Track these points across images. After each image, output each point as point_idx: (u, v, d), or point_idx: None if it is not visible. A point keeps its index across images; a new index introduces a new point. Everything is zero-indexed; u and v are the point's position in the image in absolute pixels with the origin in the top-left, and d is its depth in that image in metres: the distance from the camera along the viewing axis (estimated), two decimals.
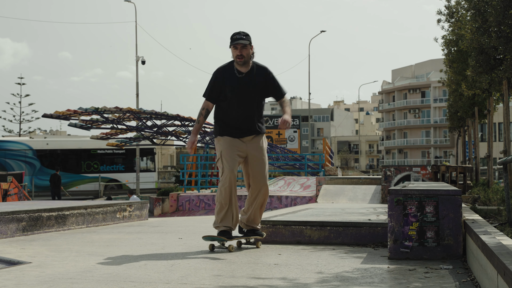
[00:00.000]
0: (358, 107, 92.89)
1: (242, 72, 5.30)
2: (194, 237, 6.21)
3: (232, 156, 5.16)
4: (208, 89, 5.37)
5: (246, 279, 3.65)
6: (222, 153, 5.19)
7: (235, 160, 5.17)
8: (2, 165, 29.69)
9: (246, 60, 5.28)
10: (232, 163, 5.12)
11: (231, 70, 5.32)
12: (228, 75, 5.29)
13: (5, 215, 5.96)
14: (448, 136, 73.01)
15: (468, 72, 12.37)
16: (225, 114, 5.31)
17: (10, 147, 30.49)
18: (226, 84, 5.26)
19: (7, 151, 30.27)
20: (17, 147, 30.75)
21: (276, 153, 25.23)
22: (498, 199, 9.64)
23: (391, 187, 4.91)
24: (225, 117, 5.31)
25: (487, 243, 3.37)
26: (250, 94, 5.30)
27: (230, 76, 5.29)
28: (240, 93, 5.27)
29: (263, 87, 5.38)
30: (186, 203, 15.51)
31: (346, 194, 12.75)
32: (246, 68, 5.30)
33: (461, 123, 23.22)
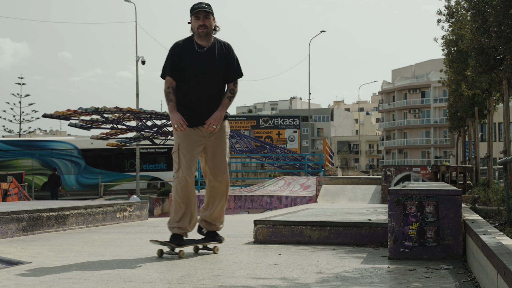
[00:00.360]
0: (358, 107, 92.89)
1: (203, 47, 4.74)
2: (194, 237, 6.20)
3: (191, 151, 4.70)
4: (167, 65, 4.77)
5: (246, 279, 3.65)
6: (180, 146, 4.71)
7: (194, 157, 4.73)
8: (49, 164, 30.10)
9: (209, 32, 4.71)
10: (190, 160, 4.68)
11: (191, 45, 4.75)
12: (188, 50, 4.74)
13: (5, 215, 5.96)
14: (448, 136, 73.01)
15: (468, 72, 12.38)
16: (184, 96, 4.77)
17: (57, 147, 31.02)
18: (185, 60, 4.72)
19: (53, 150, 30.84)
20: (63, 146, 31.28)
21: (276, 153, 25.22)
22: (498, 199, 9.64)
23: (391, 187, 4.91)
24: (184, 100, 4.76)
25: (487, 243, 3.37)
26: (213, 71, 4.75)
27: (190, 51, 4.73)
28: (202, 71, 4.72)
29: (226, 65, 4.82)
30: None
31: (346, 194, 12.75)
32: (207, 42, 4.75)
33: (461, 123, 23.23)
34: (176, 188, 4.68)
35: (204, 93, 4.76)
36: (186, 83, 4.77)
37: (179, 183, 4.66)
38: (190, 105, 4.76)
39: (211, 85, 4.78)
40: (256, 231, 5.59)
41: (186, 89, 4.77)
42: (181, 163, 4.67)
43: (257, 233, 5.58)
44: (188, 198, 4.68)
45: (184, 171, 4.65)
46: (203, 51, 4.75)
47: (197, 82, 4.75)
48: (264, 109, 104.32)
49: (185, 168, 4.65)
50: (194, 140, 4.74)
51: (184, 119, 4.69)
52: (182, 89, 4.78)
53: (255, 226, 5.61)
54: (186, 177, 4.65)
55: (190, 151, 4.69)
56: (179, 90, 4.79)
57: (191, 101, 4.77)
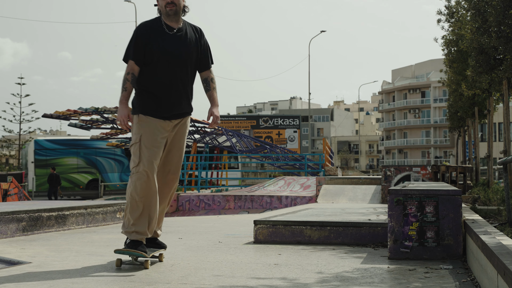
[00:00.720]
0: (358, 107, 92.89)
1: (172, 28, 4.32)
2: (194, 237, 6.20)
3: (155, 145, 4.22)
4: (130, 48, 4.29)
5: (246, 279, 3.65)
6: (142, 138, 4.20)
7: (158, 151, 4.23)
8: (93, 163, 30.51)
9: (178, 10, 4.29)
10: (153, 154, 4.19)
11: (159, 25, 4.32)
12: (155, 31, 4.29)
13: (5, 215, 5.96)
14: (448, 136, 73.03)
15: (468, 72, 12.38)
16: (151, 82, 4.29)
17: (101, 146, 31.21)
18: (152, 41, 4.26)
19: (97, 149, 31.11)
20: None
21: (276, 153, 25.22)
22: (498, 199, 9.63)
23: (391, 187, 4.91)
24: (150, 86, 4.28)
25: (487, 243, 3.37)
26: (184, 56, 4.32)
27: (157, 32, 4.29)
28: (172, 54, 4.27)
29: (198, 50, 4.41)
30: (186, 203, 15.52)
31: (346, 194, 12.75)
32: (177, 23, 4.33)
33: (461, 123, 23.23)
34: (135, 185, 4.13)
35: (174, 80, 4.31)
36: (153, 68, 4.30)
37: (138, 178, 4.13)
38: (157, 93, 4.28)
39: (182, 71, 4.34)
40: (256, 231, 5.59)
41: (153, 75, 4.29)
42: (142, 156, 4.15)
43: (257, 233, 5.58)
44: (148, 197, 4.16)
45: (145, 166, 4.13)
46: (173, 33, 4.31)
47: (167, 67, 4.29)
48: (264, 109, 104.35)
49: (147, 162, 4.14)
50: (159, 133, 4.25)
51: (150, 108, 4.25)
52: (149, 75, 4.30)
53: (255, 226, 5.61)
54: (148, 172, 4.14)
55: (153, 144, 4.20)
56: (145, 75, 4.30)
57: (159, 88, 4.28)
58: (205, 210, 15.19)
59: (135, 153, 4.20)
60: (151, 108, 4.27)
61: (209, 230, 6.93)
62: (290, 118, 48.95)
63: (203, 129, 25.94)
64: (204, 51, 4.47)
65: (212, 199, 15.26)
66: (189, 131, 25.97)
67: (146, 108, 4.27)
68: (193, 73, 4.46)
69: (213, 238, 5.95)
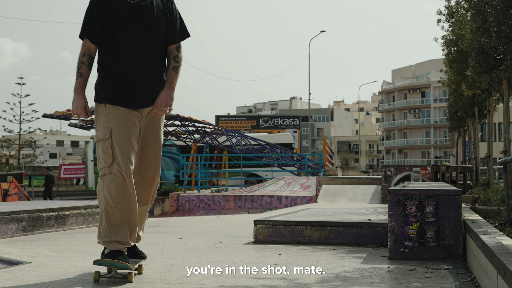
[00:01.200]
0: (358, 107, 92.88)
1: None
2: (194, 237, 6.20)
3: (129, 140, 3.62)
4: (85, 23, 3.67)
5: (246, 279, 3.65)
6: (113, 133, 3.60)
7: (133, 146, 3.64)
8: None
9: None
10: (128, 151, 3.60)
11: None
12: (115, 1, 3.65)
13: (5, 215, 5.96)
14: (448, 136, 73.03)
15: (468, 72, 12.38)
16: (115, 63, 3.64)
17: None
18: (112, 13, 3.63)
19: None
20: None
21: (276, 153, 25.21)
22: (498, 199, 9.63)
23: (391, 187, 4.91)
24: (115, 68, 3.64)
25: (487, 243, 3.37)
26: (151, 27, 3.69)
27: (118, 2, 3.65)
28: (137, 28, 3.64)
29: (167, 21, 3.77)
30: (186, 203, 15.52)
31: (346, 194, 12.75)
32: None
33: (461, 123, 23.24)
34: (109, 188, 3.55)
35: (143, 58, 3.66)
36: (116, 46, 3.64)
37: (112, 181, 3.55)
38: (124, 76, 3.65)
39: (151, 47, 3.70)
40: (256, 231, 5.59)
41: (117, 54, 3.64)
42: (115, 154, 3.56)
43: (257, 233, 5.58)
44: (125, 202, 3.58)
45: (120, 165, 3.55)
46: (136, 1, 3.68)
47: (133, 44, 3.64)
48: (264, 109, 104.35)
49: (121, 161, 3.55)
50: (132, 125, 3.66)
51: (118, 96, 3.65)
52: (112, 55, 3.65)
53: (255, 226, 5.61)
54: (123, 173, 3.55)
55: (127, 139, 3.61)
56: (106, 54, 3.66)
57: (125, 70, 3.64)
58: (205, 210, 15.19)
59: (105, 151, 3.58)
60: (119, 96, 3.64)
61: (209, 230, 6.93)
62: (290, 118, 48.93)
63: (203, 129, 25.93)
64: (173, 22, 3.80)
65: (212, 199, 15.26)
66: (189, 131, 26.01)
67: (113, 96, 3.63)
68: (164, 49, 3.80)
69: (213, 238, 5.95)
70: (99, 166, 3.65)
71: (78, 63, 3.68)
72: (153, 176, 3.89)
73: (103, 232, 3.62)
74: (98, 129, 3.69)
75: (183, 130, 26.82)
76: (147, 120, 3.80)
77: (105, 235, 3.61)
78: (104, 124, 3.65)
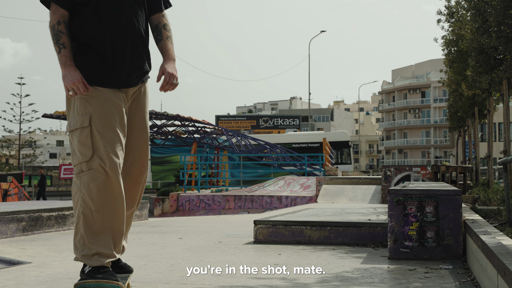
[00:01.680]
0: (358, 107, 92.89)
1: None
2: (194, 237, 6.21)
3: (113, 128, 3.02)
4: None
5: (246, 279, 3.65)
6: (93, 120, 3.00)
7: (120, 136, 3.05)
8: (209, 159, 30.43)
9: None
10: (113, 142, 3.01)
11: None
12: None
13: (5, 215, 5.96)
14: (448, 136, 73.04)
15: (468, 72, 12.38)
16: (92, 32, 3.05)
17: None
18: None
19: None
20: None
21: (276, 153, 25.21)
22: (498, 199, 9.63)
23: (391, 187, 4.91)
24: (93, 40, 3.05)
25: (487, 243, 3.37)
26: None
27: None
28: None
29: None
30: (186, 203, 15.52)
31: (346, 194, 12.75)
32: None
33: (461, 123, 23.25)
34: (88, 188, 2.96)
35: (127, 27, 3.09)
36: (92, 11, 3.06)
37: (93, 178, 2.96)
38: (105, 49, 3.06)
39: (136, 13, 3.15)
40: (256, 231, 5.59)
41: (95, 23, 3.06)
42: (96, 145, 2.97)
43: (257, 233, 5.58)
44: (109, 204, 2.99)
45: (103, 159, 2.96)
46: None
47: (113, 8, 3.07)
48: (264, 109, 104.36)
49: (104, 153, 2.96)
50: (116, 109, 3.06)
51: (97, 74, 3.06)
52: (87, 23, 3.06)
53: (255, 226, 5.61)
54: (107, 168, 2.96)
55: (111, 126, 3.02)
56: (82, 23, 3.07)
57: (106, 42, 3.06)
58: (205, 210, 15.20)
59: (83, 142, 2.98)
60: (99, 74, 3.06)
61: (209, 230, 6.93)
62: (290, 118, 48.94)
63: (203, 129, 25.93)
64: None
65: (212, 199, 15.26)
66: (189, 131, 26.00)
67: (92, 75, 3.05)
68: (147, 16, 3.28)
69: (213, 238, 5.95)
70: (74, 162, 3.03)
71: (55, 34, 3.02)
72: (140, 172, 3.26)
73: (80, 243, 3.00)
74: (73, 116, 3.07)
75: (183, 130, 26.83)
76: (131, 102, 3.19)
77: (83, 247, 2.99)
78: (81, 109, 3.03)
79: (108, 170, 2.97)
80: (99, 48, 3.07)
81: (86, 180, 2.98)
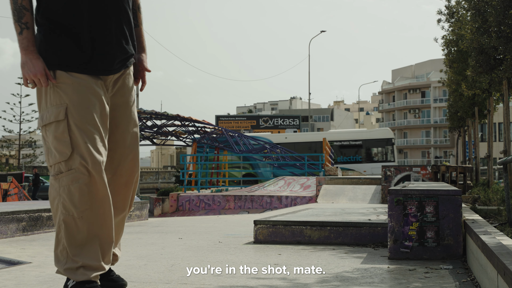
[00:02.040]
0: (358, 107, 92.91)
1: None
2: (194, 237, 6.21)
3: (94, 120, 2.62)
4: None
5: (246, 279, 3.65)
6: (70, 112, 2.58)
7: (100, 129, 2.65)
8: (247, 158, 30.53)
9: None
10: (95, 137, 2.62)
11: None
12: None
13: (5, 215, 5.96)
14: (448, 136, 73.06)
15: (468, 72, 12.38)
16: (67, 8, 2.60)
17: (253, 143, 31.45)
18: None
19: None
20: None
21: (276, 153, 25.21)
22: (498, 199, 9.64)
23: (391, 187, 4.91)
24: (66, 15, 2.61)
25: (487, 243, 3.37)
26: None
27: None
28: None
29: None
30: (186, 203, 15.52)
31: (346, 194, 12.75)
32: None
33: (461, 123, 23.26)
34: (69, 191, 2.59)
35: (111, 5, 2.67)
36: None
37: (74, 180, 2.58)
38: (82, 29, 2.63)
39: None
40: (256, 231, 5.59)
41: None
42: (76, 142, 2.57)
43: (257, 233, 5.58)
44: (94, 209, 2.62)
45: (85, 157, 2.57)
46: None
47: None
48: (264, 109, 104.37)
49: (85, 150, 2.57)
50: (97, 98, 2.64)
51: (74, 57, 2.62)
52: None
53: (255, 226, 5.61)
54: (90, 167, 2.58)
55: (91, 119, 2.61)
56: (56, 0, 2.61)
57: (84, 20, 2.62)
58: (205, 210, 15.20)
59: (60, 138, 2.59)
60: (75, 58, 2.63)
61: (209, 230, 6.93)
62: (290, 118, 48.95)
63: (203, 129, 25.95)
64: None
65: (212, 199, 15.26)
66: (189, 131, 26.02)
67: (67, 59, 2.63)
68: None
69: (213, 238, 5.95)
70: (50, 161, 2.64)
71: (17, 10, 2.57)
72: (131, 171, 2.86)
73: (63, 255, 2.65)
74: (45, 108, 2.68)
75: (183, 130, 26.83)
76: (115, 91, 2.78)
77: (66, 260, 2.64)
78: (55, 99, 2.63)
79: (91, 169, 2.58)
80: (76, 27, 2.62)
81: (66, 182, 2.59)
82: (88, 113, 2.61)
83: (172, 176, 47.57)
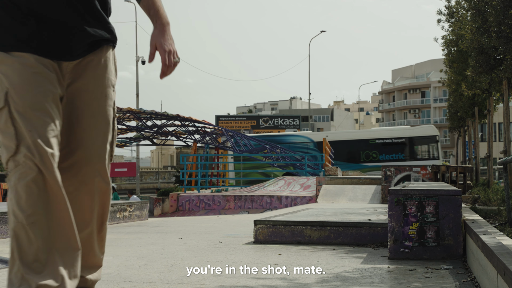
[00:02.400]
0: (358, 107, 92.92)
1: None
2: (194, 237, 6.21)
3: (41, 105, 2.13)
4: None
5: (246, 279, 3.65)
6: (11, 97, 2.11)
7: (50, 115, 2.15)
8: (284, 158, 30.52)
9: None
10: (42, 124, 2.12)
11: None
12: None
13: (5, 215, 5.96)
14: (448, 136, 73.04)
15: (468, 72, 12.38)
16: None
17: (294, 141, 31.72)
18: None
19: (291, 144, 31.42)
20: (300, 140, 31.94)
21: (276, 153, 25.23)
22: (498, 199, 9.64)
23: (391, 187, 4.92)
24: None
25: (487, 243, 3.37)
26: None
27: None
28: None
29: None
30: (186, 203, 15.52)
31: (346, 194, 12.75)
32: None
33: (461, 123, 23.28)
34: (16, 192, 2.10)
35: None
36: None
37: (21, 177, 2.09)
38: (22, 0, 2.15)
39: None
40: (256, 231, 5.59)
41: None
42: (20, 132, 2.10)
43: (257, 233, 5.58)
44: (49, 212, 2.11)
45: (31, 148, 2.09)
46: None
47: None
48: (264, 109, 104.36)
49: (31, 142, 2.08)
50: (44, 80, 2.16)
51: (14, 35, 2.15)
52: None
53: (255, 226, 5.61)
54: (37, 161, 2.09)
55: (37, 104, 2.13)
56: None
57: None
58: (205, 210, 15.20)
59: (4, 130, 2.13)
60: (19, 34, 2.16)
61: (209, 230, 6.93)
62: (290, 118, 48.94)
63: (203, 129, 25.95)
64: None
65: (212, 199, 15.27)
66: (189, 131, 26.02)
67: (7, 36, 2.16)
68: None
69: (213, 238, 5.96)
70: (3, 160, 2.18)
71: None
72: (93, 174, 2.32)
73: (17, 277, 2.08)
74: None
75: (183, 130, 26.83)
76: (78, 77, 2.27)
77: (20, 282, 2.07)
78: None
79: (38, 163, 2.07)
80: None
81: (14, 181, 2.09)
82: (33, 96, 2.11)
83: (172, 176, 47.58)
